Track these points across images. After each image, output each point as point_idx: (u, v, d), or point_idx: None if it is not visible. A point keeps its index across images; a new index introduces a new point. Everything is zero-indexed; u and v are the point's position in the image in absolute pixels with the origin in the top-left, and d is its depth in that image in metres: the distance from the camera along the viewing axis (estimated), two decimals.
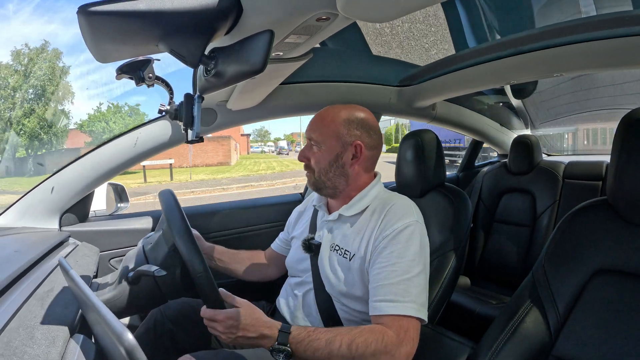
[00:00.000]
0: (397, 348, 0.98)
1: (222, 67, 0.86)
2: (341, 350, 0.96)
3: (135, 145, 1.68)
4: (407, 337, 1.01)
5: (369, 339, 0.98)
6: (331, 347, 0.97)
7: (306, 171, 1.30)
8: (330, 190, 1.26)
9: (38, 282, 1.02)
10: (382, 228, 1.15)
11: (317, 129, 1.24)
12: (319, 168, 1.24)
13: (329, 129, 1.22)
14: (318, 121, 1.25)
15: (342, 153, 1.22)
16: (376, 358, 0.97)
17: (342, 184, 1.25)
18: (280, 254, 1.57)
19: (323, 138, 1.22)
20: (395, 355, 0.98)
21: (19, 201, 1.61)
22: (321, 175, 1.24)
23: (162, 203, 1.15)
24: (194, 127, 0.93)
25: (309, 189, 1.39)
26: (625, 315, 0.91)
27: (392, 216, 1.16)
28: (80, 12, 0.66)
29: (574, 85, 2.70)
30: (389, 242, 1.11)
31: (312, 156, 1.25)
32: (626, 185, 0.94)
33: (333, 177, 1.24)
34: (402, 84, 2.12)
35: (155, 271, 1.08)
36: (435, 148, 1.67)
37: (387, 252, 1.10)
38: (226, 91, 1.51)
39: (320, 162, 1.23)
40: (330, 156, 1.22)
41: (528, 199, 2.58)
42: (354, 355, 0.96)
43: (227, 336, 1.00)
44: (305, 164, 1.28)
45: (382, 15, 0.80)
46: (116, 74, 0.95)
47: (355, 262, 1.17)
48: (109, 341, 0.68)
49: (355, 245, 1.19)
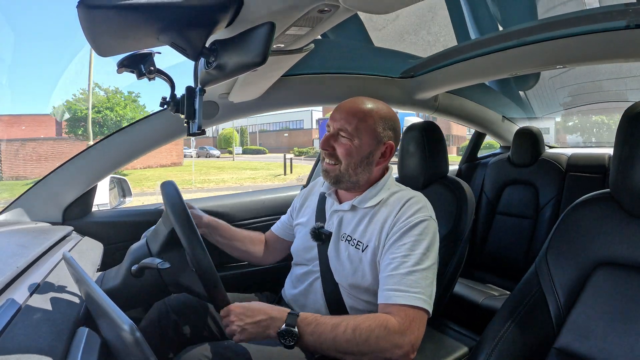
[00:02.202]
0: (401, 337, 0.99)
1: (223, 59, 0.86)
2: (346, 335, 0.97)
3: (137, 139, 1.69)
4: (412, 326, 1.01)
5: (373, 325, 0.98)
6: (336, 331, 0.98)
7: (328, 160, 1.25)
8: (351, 185, 1.25)
9: (43, 276, 1.02)
10: (396, 220, 1.15)
11: (353, 121, 1.19)
12: (348, 161, 1.21)
13: (366, 124, 1.19)
14: (353, 113, 1.21)
15: (374, 151, 1.22)
16: (379, 344, 0.97)
17: (364, 179, 1.24)
18: (280, 238, 1.56)
19: (359, 132, 1.19)
20: (398, 343, 0.98)
21: (22, 196, 1.61)
22: (349, 168, 1.21)
23: (164, 197, 1.15)
24: (195, 119, 0.93)
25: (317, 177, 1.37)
26: (628, 308, 0.90)
27: (407, 210, 1.16)
28: (80, 6, 0.66)
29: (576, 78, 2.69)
30: (403, 235, 1.12)
31: (340, 147, 1.21)
32: (629, 178, 0.93)
33: (360, 172, 1.22)
34: (404, 76, 2.11)
35: (159, 264, 1.08)
36: (437, 140, 1.66)
37: (400, 244, 1.11)
38: (228, 84, 1.51)
39: (352, 155, 1.20)
40: (364, 152, 1.20)
41: (531, 191, 2.58)
42: (357, 340, 0.97)
43: (237, 325, 1.01)
44: (329, 152, 1.24)
45: (384, 6, 0.80)
46: (117, 68, 0.95)
47: (367, 254, 1.18)
48: (114, 334, 0.68)
49: (368, 237, 1.19)
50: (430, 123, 1.70)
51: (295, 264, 1.42)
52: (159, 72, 0.97)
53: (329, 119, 1.25)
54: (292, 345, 0.98)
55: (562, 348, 0.97)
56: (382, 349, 0.98)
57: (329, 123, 1.25)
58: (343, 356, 1.00)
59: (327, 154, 1.24)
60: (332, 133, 1.24)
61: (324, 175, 1.28)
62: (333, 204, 1.33)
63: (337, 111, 1.24)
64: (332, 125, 1.23)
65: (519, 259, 2.50)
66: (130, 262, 1.15)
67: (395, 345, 0.98)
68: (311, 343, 0.99)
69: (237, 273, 1.67)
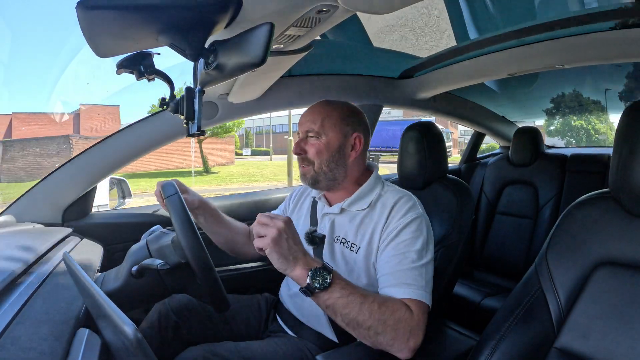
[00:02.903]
0: (417, 327, 1.00)
1: (222, 60, 0.86)
2: (373, 306, 0.97)
3: (137, 140, 1.68)
4: (423, 319, 1.03)
5: (397, 307, 0.99)
6: (365, 299, 0.98)
7: (302, 164, 1.28)
8: (329, 182, 1.26)
9: (43, 277, 1.02)
10: (389, 221, 1.17)
11: (318, 121, 1.24)
12: (320, 159, 1.24)
13: (330, 121, 1.24)
14: (316, 113, 1.26)
15: (343, 144, 1.25)
16: (397, 328, 0.98)
17: (341, 175, 1.26)
18: None
19: (324, 130, 1.23)
20: (414, 332, 1.00)
21: (22, 196, 1.61)
22: (322, 165, 1.24)
23: (162, 192, 1.15)
24: (195, 120, 0.92)
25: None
26: (628, 307, 0.90)
27: (399, 210, 1.18)
28: (80, 7, 0.66)
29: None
30: (398, 234, 1.13)
31: (310, 148, 1.25)
32: (629, 177, 0.93)
33: (335, 168, 1.24)
34: (403, 76, 2.11)
35: (159, 265, 1.08)
36: (436, 140, 1.66)
37: (396, 243, 1.12)
38: (227, 84, 1.51)
39: (322, 152, 1.23)
40: (333, 147, 1.24)
41: (530, 191, 2.58)
42: (380, 315, 0.97)
43: (274, 236, 0.95)
44: (302, 156, 1.27)
45: (383, 6, 0.80)
46: (116, 69, 0.95)
47: (360, 255, 1.19)
48: (114, 335, 0.68)
49: (360, 239, 1.20)
50: (429, 123, 1.70)
51: (298, 290, 1.40)
52: (158, 72, 0.97)
53: (297, 126, 1.30)
54: (318, 289, 0.95)
55: (563, 348, 0.97)
56: (396, 333, 0.98)
57: (297, 130, 1.30)
58: (355, 328, 0.98)
59: (301, 159, 1.28)
60: (301, 137, 1.28)
61: (302, 179, 1.30)
62: (323, 207, 1.34)
63: (303, 116, 1.29)
64: (300, 130, 1.28)
65: (518, 258, 2.49)
66: (130, 263, 1.15)
67: (411, 332, 0.99)
68: (335, 299, 0.97)
69: (236, 274, 1.67)
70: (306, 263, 0.97)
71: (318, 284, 0.95)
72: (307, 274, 0.95)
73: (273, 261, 0.97)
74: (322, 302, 0.98)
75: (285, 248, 0.96)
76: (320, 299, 0.97)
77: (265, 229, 0.97)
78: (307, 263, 0.98)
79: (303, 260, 0.98)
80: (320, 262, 0.99)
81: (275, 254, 0.95)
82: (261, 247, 0.97)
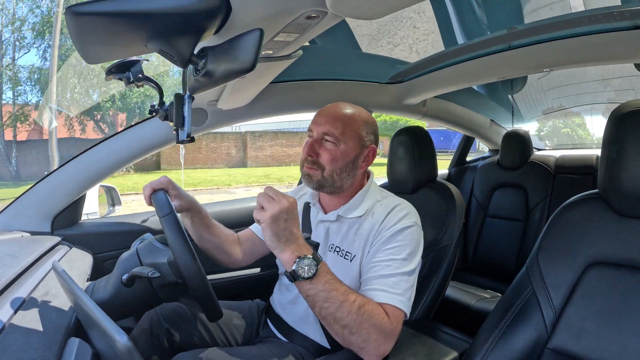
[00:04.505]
0: (392, 333, 1.00)
1: (212, 66, 0.85)
2: (353, 306, 0.96)
3: (127, 147, 1.67)
4: (398, 327, 1.03)
5: (375, 312, 0.98)
6: (347, 297, 0.96)
7: (310, 166, 1.20)
8: (334, 189, 1.22)
9: (32, 286, 1.01)
10: (382, 228, 1.15)
11: (339, 126, 1.18)
12: (333, 167, 1.18)
13: (351, 129, 1.18)
14: (339, 118, 1.19)
15: (358, 155, 1.21)
16: (371, 331, 0.97)
17: (347, 184, 1.22)
18: (256, 237, 1.45)
19: (344, 137, 1.18)
20: (388, 337, 0.99)
21: (10, 205, 1.59)
22: (334, 174, 1.18)
23: (154, 204, 1.14)
24: (184, 127, 0.92)
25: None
26: (620, 306, 0.91)
27: (394, 216, 1.16)
28: (68, 13, 0.65)
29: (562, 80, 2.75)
30: (388, 240, 1.12)
31: (325, 153, 1.18)
32: (616, 178, 0.94)
33: (345, 177, 1.20)
34: (392, 81, 2.12)
35: (150, 273, 1.07)
36: (426, 145, 1.67)
37: (384, 248, 1.11)
38: (216, 91, 1.50)
39: (337, 160, 1.18)
40: (349, 157, 1.19)
41: (520, 194, 2.60)
42: (358, 317, 0.95)
43: (274, 211, 0.94)
44: (313, 159, 1.19)
45: (371, 12, 0.80)
46: (105, 75, 0.94)
47: (354, 264, 1.18)
48: (105, 344, 0.68)
49: (355, 247, 1.19)
50: (419, 128, 1.71)
51: (282, 273, 1.39)
52: (147, 79, 0.96)
53: (311, 124, 1.23)
54: (302, 277, 0.94)
55: (556, 348, 0.97)
56: (370, 337, 0.97)
57: (311, 127, 1.22)
58: (330, 323, 0.97)
59: (311, 161, 1.20)
60: (316, 138, 1.21)
61: (306, 180, 1.23)
62: (318, 213, 1.31)
63: (321, 115, 1.22)
64: (316, 130, 1.21)
65: (510, 261, 2.51)
66: (121, 271, 1.14)
67: (385, 338, 0.98)
68: (317, 291, 0.96)
69: (227, 280, 1.66)
70: (297, 248, 0.96)
71: (303, 272, 0.94)
72: (295, 260, 0.95)
73: (265, 237, 0.96)
74: (304, 290, 0.97)
75: (282, 228, 0.95)
76: (302, 287, 0.97)
77: (269, 202, 0.95)
78: (298, 249, 0.97)
79: (295, 245, 0.97)
80: (311, 252, 0.98)
81: (269, 230, 0.94)
82: (259, 219, 0.96)
